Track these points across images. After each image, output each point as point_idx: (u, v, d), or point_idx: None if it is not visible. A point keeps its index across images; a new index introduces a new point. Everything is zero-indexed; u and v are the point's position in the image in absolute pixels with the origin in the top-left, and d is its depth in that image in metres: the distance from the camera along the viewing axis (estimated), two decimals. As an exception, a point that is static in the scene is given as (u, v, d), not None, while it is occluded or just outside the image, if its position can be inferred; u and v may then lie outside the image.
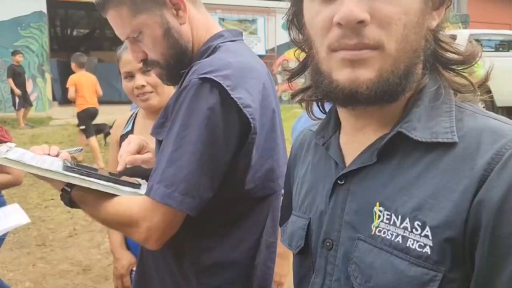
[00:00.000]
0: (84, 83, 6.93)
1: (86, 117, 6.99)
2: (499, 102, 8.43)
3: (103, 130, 7.78)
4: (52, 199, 5.10)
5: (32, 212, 4.58)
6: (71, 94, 6.91)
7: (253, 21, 14.04)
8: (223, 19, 13.37)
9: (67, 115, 9.92)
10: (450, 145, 0.58)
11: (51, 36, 13.21)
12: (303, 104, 0.80)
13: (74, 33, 21.99)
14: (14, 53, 9.66)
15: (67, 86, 7.02)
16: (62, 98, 14.18)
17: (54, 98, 12.95)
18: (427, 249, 0.55)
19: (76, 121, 10.02)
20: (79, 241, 4.08)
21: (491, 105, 8.54)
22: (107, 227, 1.28)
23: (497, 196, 0.52)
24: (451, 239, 0.54)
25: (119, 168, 1.12)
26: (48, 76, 12.51)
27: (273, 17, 14.45)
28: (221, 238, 1.06)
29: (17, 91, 9.37)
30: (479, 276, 0.53)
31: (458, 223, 0.54)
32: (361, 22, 0.55)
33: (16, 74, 9.28)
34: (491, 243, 0.52)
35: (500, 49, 9.51)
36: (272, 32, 14.67)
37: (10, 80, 9.33)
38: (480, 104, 8.54)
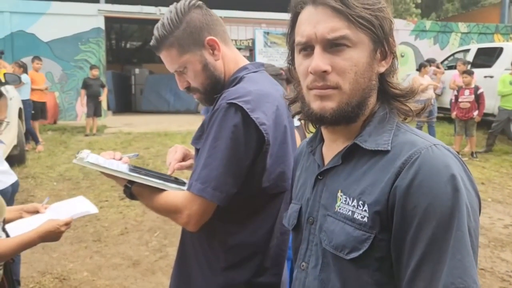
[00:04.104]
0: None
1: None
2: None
3: None
4: (107, 201, 5.47)
5: (89, 212, 5.02)
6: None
7: (297, 34, 14.17)
8: (267, 33, 13.50)
9: (120, 124, 10.52)
10: (386, 152, 0.84)
11: (107, 49, 13.94)
12: (302, 122, 1.08)
13: (128, 45, 22.94)
14: (91, 67, 10.46)
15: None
16: (116, 107, 14.90)
17: (108, 108, 13.40)
18: (365, 219, 0.82)
19: (127, 129, 10.71)
20: (130, 239, 4.38)
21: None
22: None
23: (405, 184, 0.78)
24: (379, 212, 0.81)
25: (169, 172, 1.42)
26: (104, 87, 13.25)
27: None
28: (243, 225, 1.31)
29: (83, 101, 10.00)
30: (395, 236, 0.79)
31: (383, 201, 0.80)
32: (325, 72, 0.83)
33: (88, 86, 9.97)
34: (401, 213, 0.78)
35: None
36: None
37: (83, 91, 10.05)
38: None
